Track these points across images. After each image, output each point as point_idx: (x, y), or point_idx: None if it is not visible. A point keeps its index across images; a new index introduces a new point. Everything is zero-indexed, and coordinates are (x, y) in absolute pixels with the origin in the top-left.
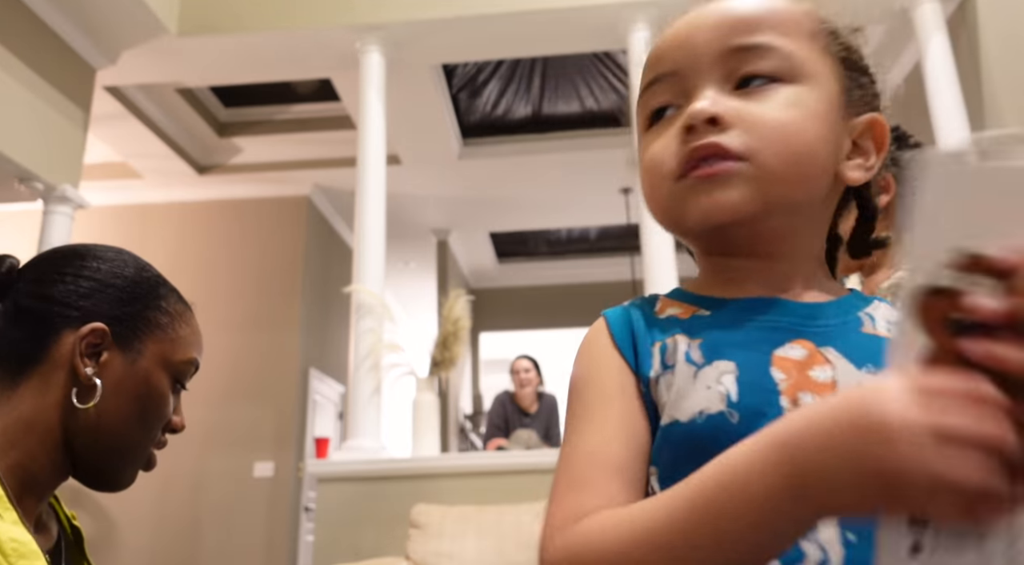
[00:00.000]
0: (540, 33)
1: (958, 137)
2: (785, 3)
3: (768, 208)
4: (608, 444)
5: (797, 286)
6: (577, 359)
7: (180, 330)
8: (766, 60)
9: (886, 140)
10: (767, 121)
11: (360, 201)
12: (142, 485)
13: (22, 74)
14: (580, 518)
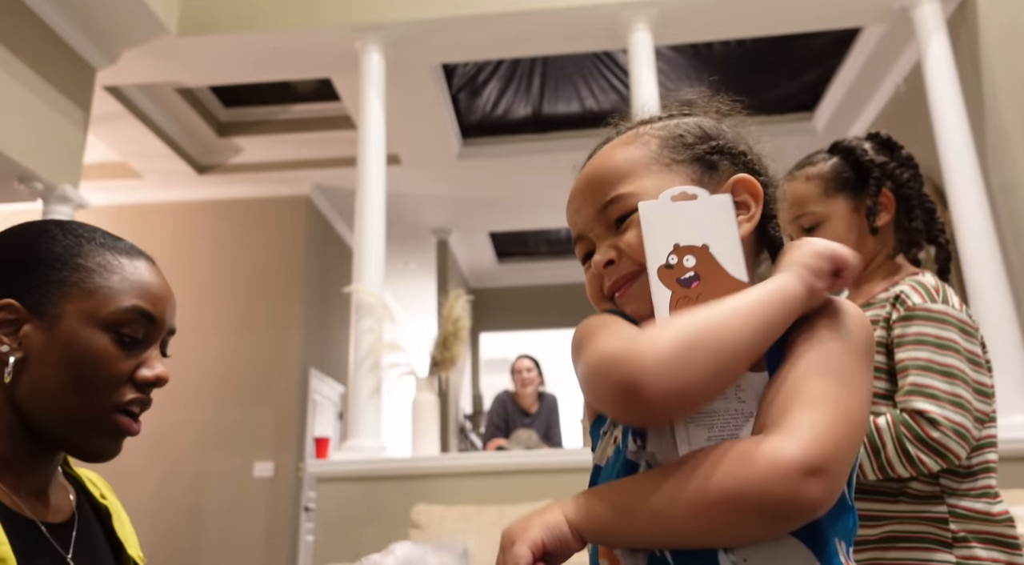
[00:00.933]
0: (540, 33)
1: (959, 137)
2: (626, 146)
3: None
4: None
5: None
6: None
7: (102, 282)
8: (623, 203)
9: (757, 188)
10: (634, 244)
11: (360, 201)
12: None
13: (22, 74)
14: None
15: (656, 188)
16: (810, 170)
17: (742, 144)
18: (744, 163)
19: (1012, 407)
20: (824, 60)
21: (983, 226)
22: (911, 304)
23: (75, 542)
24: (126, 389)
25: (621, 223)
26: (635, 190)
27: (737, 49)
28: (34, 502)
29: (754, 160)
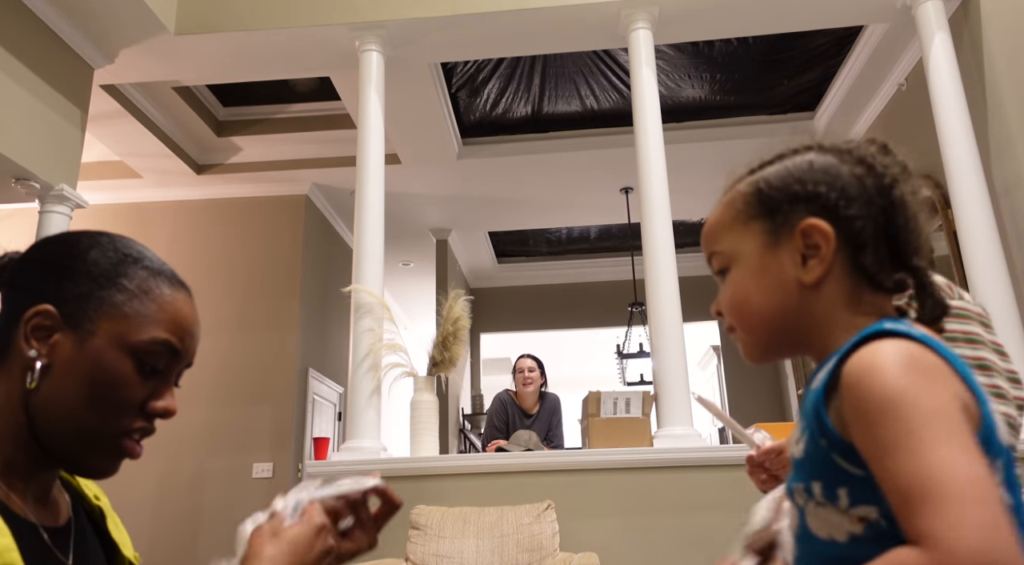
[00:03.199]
0: (540, 32)
1: (962, 137)
2: (720, 209)
3: (761, 345)
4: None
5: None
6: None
7: (140, 308)
8: (716, 260)
9: (821, 229)
10: (724, 300)
11: (359, 201)
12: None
13: (19, 72)
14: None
15: (733, 249)
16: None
17: (818, 183)
18: (823, 204)
19: None
20: (825, 59)
21: (986, 226)
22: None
23: (74, 546)
24: (135, 416)
25: (722, 275)
26: (722, 249)
27: (738, 48)
28: (38, 507)
29: (836, 195)
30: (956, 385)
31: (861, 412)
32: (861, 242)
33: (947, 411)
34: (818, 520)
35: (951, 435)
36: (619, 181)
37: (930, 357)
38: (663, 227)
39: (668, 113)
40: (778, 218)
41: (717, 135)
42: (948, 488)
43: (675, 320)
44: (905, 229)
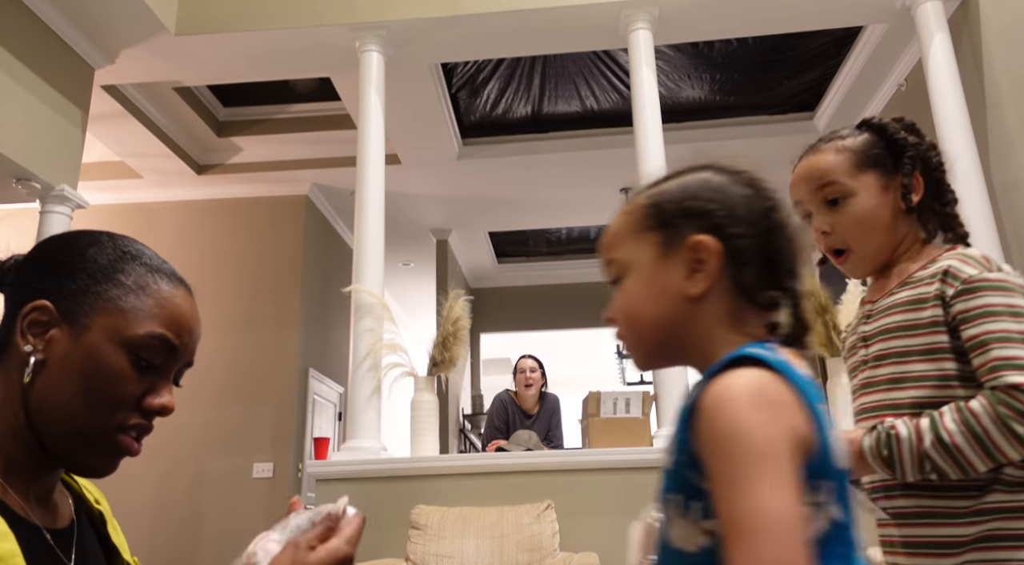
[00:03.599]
0: (540, 32)
1: (961, 137)
2: (619, 218)
3: (646, 352)
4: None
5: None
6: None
7: (137, 303)
8: (611, 268)
9: (708, 245)
10: (616, 307)
11: (360, 201)
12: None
13: (20, 73)
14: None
15: (628, 257)
16: (839, 143)
17: (710, 201)
18: (713, 221)
19: None
20: (825, 59)
21: (985, 226)
22: (967, 276)
23: (76, 549)
24: (131, 412)
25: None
26: (618, 257)
27: (738, 48)
28: (40, 509)
29: (725, 213)
30: (795, 416)
31: (708, 441)
32: (743, 259)
33: (776, 449)
34: (677, 530)
35: (772, 474)
36: (619, 181)
37: (777, 389)
38: None
39: (668, 113)
40: (671, 231)
41: (717, 135)
42: (755, 524)
43: None
44: (783, 250)
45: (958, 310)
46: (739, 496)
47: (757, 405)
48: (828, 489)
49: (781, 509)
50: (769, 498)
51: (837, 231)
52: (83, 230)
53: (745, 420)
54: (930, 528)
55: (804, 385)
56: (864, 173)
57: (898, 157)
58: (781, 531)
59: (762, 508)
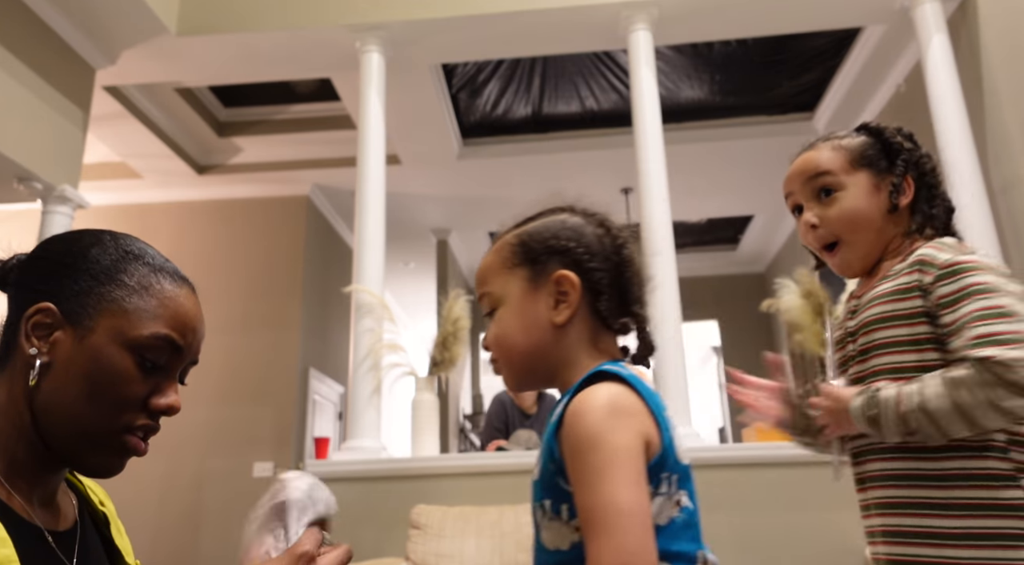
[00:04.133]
0: (540, 33)
1: (959, 137)
2: (490, 256)
3: (518, 376)
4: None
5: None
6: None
7: (140, 304)
8: (485, 301)
9: (570, 279)
10: (490, 336)
11: (360, 201)
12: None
13: (21, 74)
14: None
15: (500, 291)
16: (836, 141)
17: (570, 239)
18: (573, 258)
19: None
20: (824, 60)
21: (984, 226)
22: (942, 261)
23: (78, 550)
24: (138, 413)
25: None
26: (491, 291)
27: (737, 49)
28: (43, 510)
29: (583, 250)
30: (643, 422)
31: (569, 447)
32: (600, 290)
33: (625, 451)
34: (549, 533)
35: (622, 473)
36: (619, 181)
37: (628, 399)
38: (663, 227)
39: (668, 114)
40: (537, 267)
41: (717, 136)
42: (606, 520)
43: (675, 320)
44: (631, 281)
45: (938, 295)
46: (594, 494)
47: (609, 414)
48: (675, 480)
49: (631, 503)
50: (620, 494)
51: (825, 224)
52: (85, 230)
53: (598, 427)
54: (913, 518)
55: (651, 396)
56: (857, 171)
57: (892, 160)
58: (632, 522)
59: (614, 503)
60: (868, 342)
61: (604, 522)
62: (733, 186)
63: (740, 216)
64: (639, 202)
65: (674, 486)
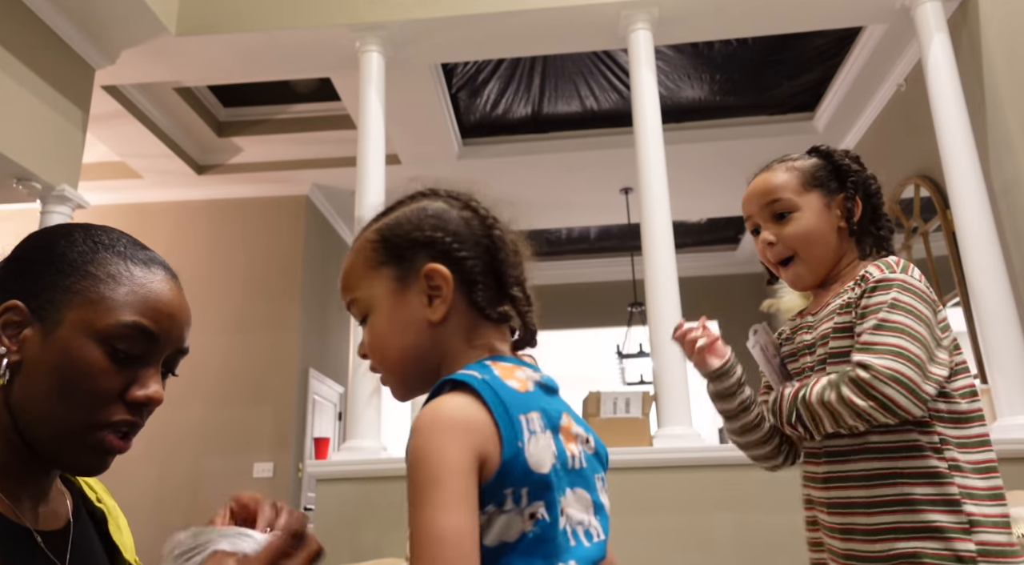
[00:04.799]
0: (540, 33)
1: (960, 137)
2: (350, 257)
3: (402, 382)
4: None
5: None
6: None
7: (107, 292)
8: (355, 308)
9: (441, 272)
10: (366, 343)
11: (360, 201)
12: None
13: (21, 74)
14: None
15: (367, 295)
16: (790, 163)
17: (435, 228)
18: (441, 248)
19: (1012, 407)
20: (824, 60)
21: (984, 226)
22: (875, 278)
23: (71, 550)
24: (115, 407)
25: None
26: (358, 296)
27: (737, 49)
28: (34, 510)
29: (451, 239)
30: (477, 437)
31: (406, 462)
32: (474, 280)
33: (448, 471)
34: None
35: (442, 495)
36: (619, 181)
37: (467, 412)
38: (663, 227)
39: (668, 114)
40: (403, 264)
41: (717, 136)
42: (422, 547)
43: (675, 320)
44: (506, 263)
45: (861, 307)
46: (414, 516)
47: (439, 431)
48: (525, 493)
49: (445, 529)
50: (436, 518)
51: (782, 241)
52: (58, 225)
53: (424, 447)
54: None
55: (499, 404)
56: (810, 192)
57: (842, 181)
58: (449, 545)
59: (430, 528)
60: (824, 353)
61: (420, 549)
62: (733, 186)
63: (740, 216)
64: (639, 202)
65: (525, 499)
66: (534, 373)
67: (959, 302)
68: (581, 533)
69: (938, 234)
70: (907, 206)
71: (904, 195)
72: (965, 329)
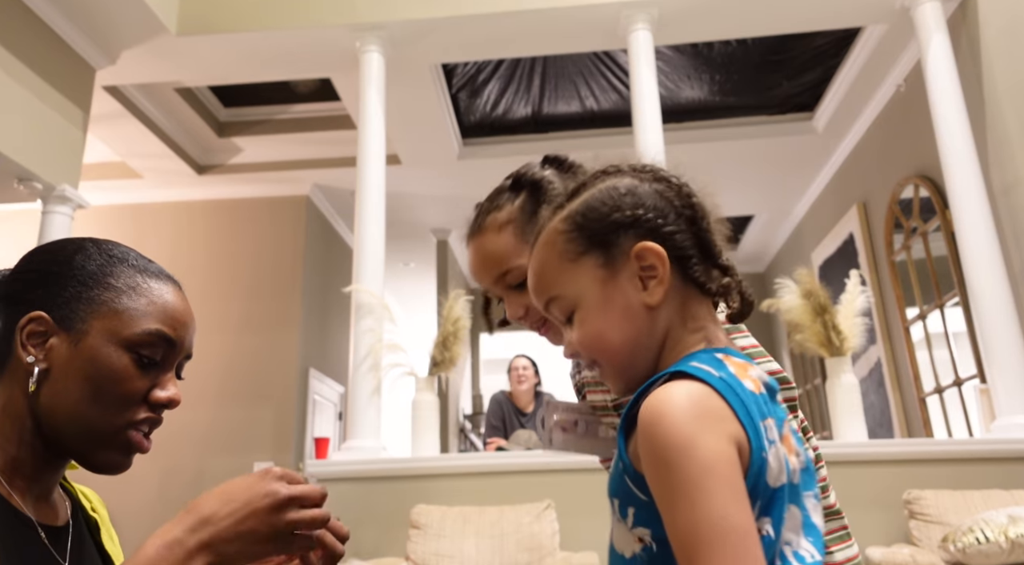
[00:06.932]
0: (540, 33)
1: (960, 137)
2: (542, 252)
3: (625, 375)
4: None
5: None
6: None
7: (130, 303)
8: (555, 307)
9: (654, 250)
10: (577, 341)
11: (360, 201)
12: (143, 483)
13: (22, 74)
14: None
15: (571, 290)
16: (497, 216)
17: (635, 206)
18: (646, 226)
19: (1012, 407)
20: (824, 60)
21: (984, 226)
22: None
23: (71, 547)
24: (140, 408)
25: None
26: (560, 293)
27: (737, 49)
28: (39, 507)
29: (653, 214)
30: (734, 428)
31: (649, 456)
32: (686, 254)
33: (722, 461)
34: (617, 534)
35: (722, 487)
36: None
37: (714, 402)
38: None
39: (668, 114)
40: (608, 249)
41: (717, 136)
42: (711, 543)
43: None
44: (712, 231)
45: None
46: (691, 511)
47: (697, 417)
48: (759, 507)
49: (739, 521)
50: (725, 509)
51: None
52: (68, 239)
53: (683, 434)
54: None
55: (746, 405)
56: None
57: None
58: (737, 544)
59: (716, 524)
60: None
61: (709, 546)
62: (733, 186)
63: (740, 216)
64: None
65: (756, 512)
66: (762, 373)
67: (959, 302)
68: (790, 554)
69: (937, 234)
70: (906, 206)
71: (904, 195)
72: (965, 329)
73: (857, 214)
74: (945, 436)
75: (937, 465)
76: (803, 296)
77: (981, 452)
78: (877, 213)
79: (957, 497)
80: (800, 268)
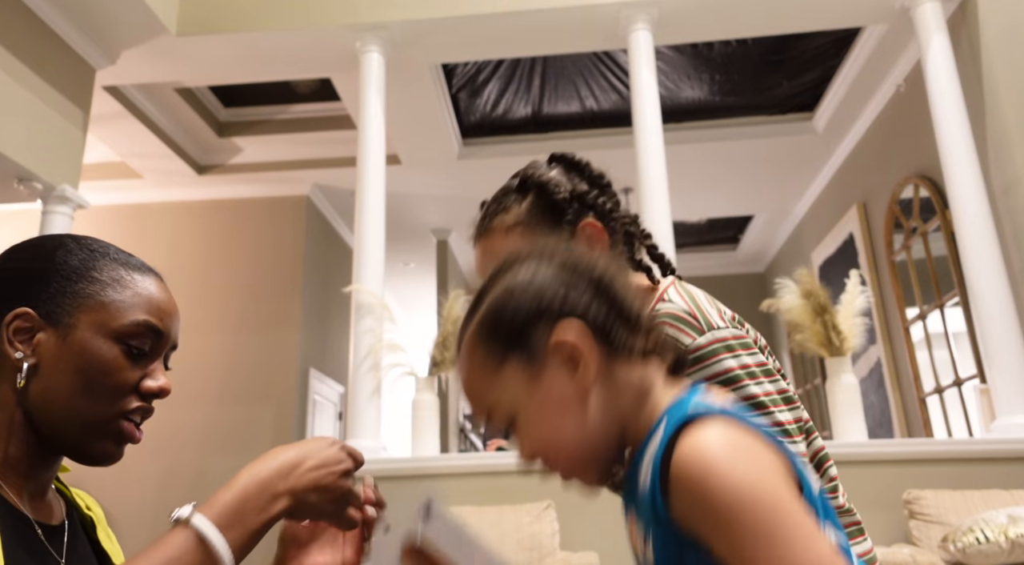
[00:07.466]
0: (540, 33)
1: (959, 137)
2: (466, 363)
3: (593, 468)
4: None
5: None
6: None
7: (116, 295)
8: (495, 416)
9: (570, 340)
10: (530, 449)
11: (360, 201)
12: (143, 484)
13: (22, 74)
14: None
15: (504, 398)
16: (505, 219)
17: (538, 296)
18: (557, 310)
19: (1012, 407)
20: (824, 60)
21: (984, 226)
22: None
23: (67, 545)
24: (131, 398)
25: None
26: (494, 402)
27: (737, 49)
28: (34, 505)
29: (561, 295)
30: (774, 454)
31: (711, 515)
32: (602, 323)
33: (789, 501)
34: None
35: (800, 523)
36: (619, 181)
37: (744, 432)
38: (663, 227)
39: (668, 114)
40: (527, 347)
41: (717, 136)
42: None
43: None
44: (623, 292)
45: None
46: (789, 557)
47: (750, 460)
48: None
49: (823, 550)
50: (810, 545)
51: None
52: (47, 235)
53: (743, 478)
54: None
55: (761, 426)
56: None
57: (562, 213)
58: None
59: (812, 560)
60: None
61: None
62: (733, 186)
63: (740, 216)
64: (639, 202)
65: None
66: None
67: (959, 302)
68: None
69: (937, 234)
70: (906, 206)
71: (903, 195)
72: (964, 329)
73: (857, 214)
74: (945, 436)
75: (937, 465)
76: (803, 296)
77: (981, 452)
78: (877, 213)
79: (957, 497)
80: (800, 268)
